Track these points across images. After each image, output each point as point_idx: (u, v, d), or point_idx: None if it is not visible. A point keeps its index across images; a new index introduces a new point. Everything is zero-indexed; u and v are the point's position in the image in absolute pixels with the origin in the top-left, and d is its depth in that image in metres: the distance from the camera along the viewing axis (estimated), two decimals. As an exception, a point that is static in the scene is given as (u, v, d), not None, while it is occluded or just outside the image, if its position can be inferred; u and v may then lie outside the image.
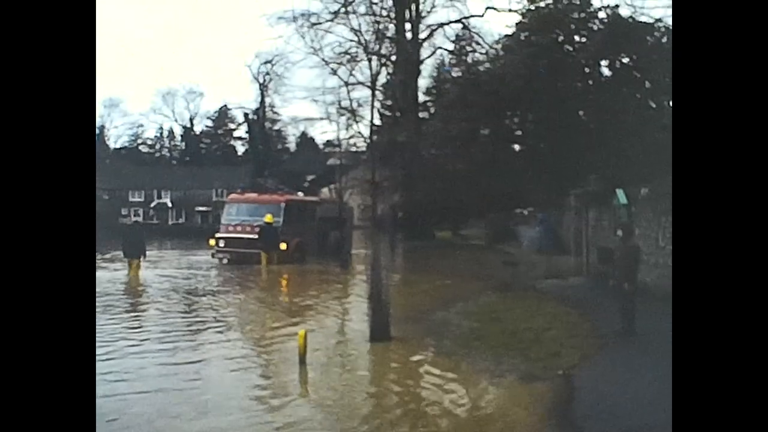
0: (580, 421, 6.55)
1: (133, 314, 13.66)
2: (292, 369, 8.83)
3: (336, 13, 37.64)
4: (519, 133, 26.75)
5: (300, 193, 31.30)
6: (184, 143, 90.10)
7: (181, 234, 54.11)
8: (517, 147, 28.02)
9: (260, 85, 61.61)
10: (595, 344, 9.81)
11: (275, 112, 69.87)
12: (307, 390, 8.18)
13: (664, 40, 23.60)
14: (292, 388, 8.18)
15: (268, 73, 58.53)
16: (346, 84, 29.53)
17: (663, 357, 8.82)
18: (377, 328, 10.45)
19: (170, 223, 72.95)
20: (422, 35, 42.96)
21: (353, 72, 36.82)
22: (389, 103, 50.99)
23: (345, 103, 33.03)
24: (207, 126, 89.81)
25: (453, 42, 46.75)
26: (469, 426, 6.88)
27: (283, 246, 23.47)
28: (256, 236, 23.33)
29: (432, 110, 43.34)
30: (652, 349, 9.33)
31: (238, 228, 24.41)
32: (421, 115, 43.73)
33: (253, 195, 27.38)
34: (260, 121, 65.63)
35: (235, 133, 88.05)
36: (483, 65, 29.93)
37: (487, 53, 35.30)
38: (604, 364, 8.67)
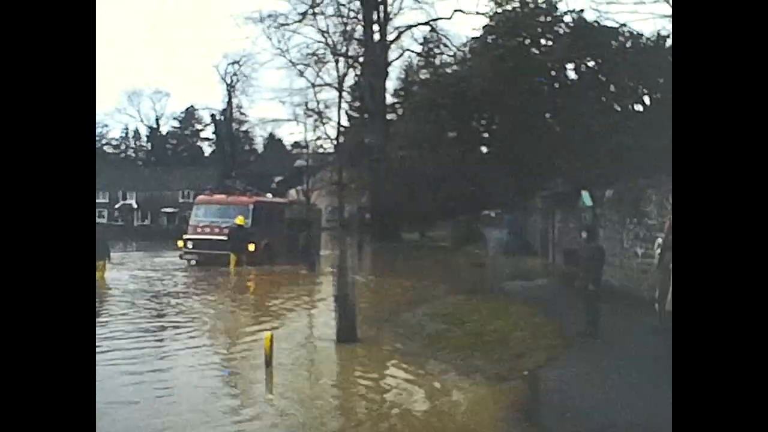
0: (546, 420, 6.60)
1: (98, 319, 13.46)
2: (258, 371, 8.77)
3: (304, 15, 37.57)
4: (486, 135, 26.78)
5: (269, 195, 31.20)
6: (149, 144, 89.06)
7: (146, 236, 53.61)
8: (484, 149, 28.08)
9: (227, 85, 61.31)
10: (561, 345, 9.88)
11: (242, 113, 69.52)
12: (272, 392, 8.13)
13: (628, 44, 23.85)
14: (257, 391, 8.13)
15: (235, 74, 58.27)
16: (313, 85, 29.49)
17: (626, 357, 8.95)
18: (344, 330, 10.43)
19: (136, 224, 72.01)
20: (390, 37, 43.10)
21: (320, 74, 36.84)
22: (357, 104, 51.07)
23: (312, 105, 33.00)
24: (173, 126, 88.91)
25: (421, 44, 46.97)
26: (435, 427, 6.88)
27: (251, 247, 23.38)
28: (225, 238, 23.28)
29: (400, 112, 43.38)
30: (616, 349, 9.44)
31: (207, 229, 24.35)
32: (389, 116, 43.80)
33: (222, 196, 27.26)
34: (227, 122, 65.26)
35: (202, 134, 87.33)
36: (450, 68, 30.00)
37: (454, 56, 35.43)
38: (569, 365, 8.73)
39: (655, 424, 6.04)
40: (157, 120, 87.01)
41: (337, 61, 29.25)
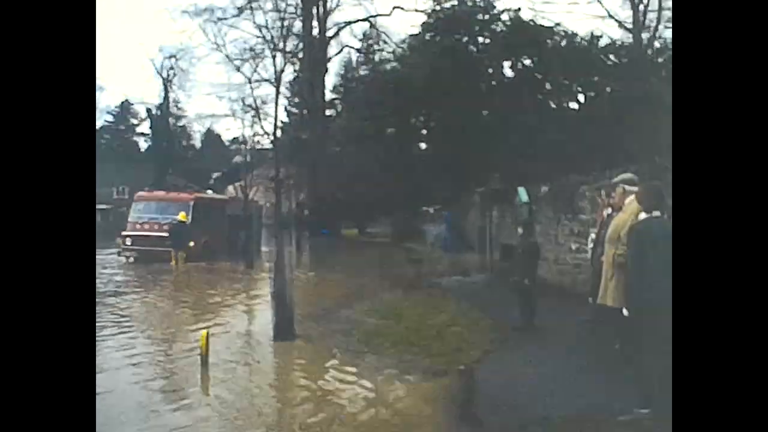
0: (481, 414, 6.65)
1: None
2: (194, 370, 8.66)
3: (241, 9, 37.13)
4: (424, 131, 27.02)
5: (209, 191, 30.90)
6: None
7: (80, 232, 52.10)
8: (422, 145, 28.29)
9: (164, 80, 60.11)
10: (497, 339, 9.99)
11: (179, 108, 68.26)
12: (208, 391, 8.03)
13: (563, 43, 24.29)
14: (192, 390, 8.02)
15: (172, 68, 57.14)
16: (250, 81, 29.14)
17: (561, 350, 9.11)
18: (281, 327, 10.37)
19: (69, 221, 70.12)
20: (329, 33, 42.98)
21: (258, 69, 36.47)
22: (296, 100, 50.79)
23: (249, 101, 32.65)
24: (107, 121, 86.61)
25: (360, 40, 47.00)
26: (373, 422, 6.89)
27: (191, 244, 23.31)
28: (166, 234, 23.09)
29: (339, 108, 43.34)
30: (551, 343, 9.59)
31: (146, 226, 24.18)
32: (328, 113, 43.71)
33: (162, 193, 27.12)
34: (164, 116, 64.01)
35: (138, 129, 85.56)
36: (389, 64, 30.07)
37: (393, 52, 35.50)
38: (505, 359, 8.84)
39: (587, 414, 6.17)
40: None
41: (274, 57, 29.01)
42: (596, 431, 5.78)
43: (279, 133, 41.27)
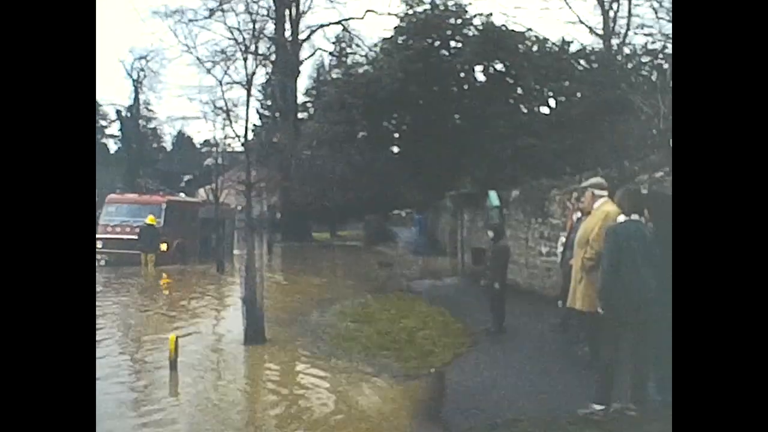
0: (450, 417, 6.67)
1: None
2: (162, 374, 8.57)
3: (213, 11, 36.85)
4: (396, 135, 27.05)
5: (182, 194, 30.74)
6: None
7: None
8: (394, 149, 28.32)
9: (134, 81, 59.52)
10: (467, 343, 10.02)
11: (150, 110, 67.58)
12: (176, 396, 7.96)
13: (535, 48, 24.46)
14: (160, 395, 7.94)
15: (142, 70, 56.58)
16: (221, 83, 28.96)
17: (530, 353, 9.16)
18: (252, 331, 10.29)
19: (37, 223, 69.22)
20: (302, 36, 42.87)
21: (229, 71, 36.21)
22: (268, 103, 50.57)
23: (220, 103, 32.45)
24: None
25: (333, 43, 46.95)
26: (343, 426, 6.87)
27: (163, 247, 23.22)
28: (136, 237, 22.91)
29: (311, 111, 43.26)
30: (520, 346, 9.64)
31: (118, 229, 23.89)
32: (300, 116, 43.59)
33: (134, 195, 26.98)
34: (134, 118, 63.37)
35: (107, 131, 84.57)
36: (362, 68, 30.11)
37: (366, 56, 35.54)
38: (475, 362, 8.87)
39: (555, 415, 6.21)
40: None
41: (245, 59, 28.85)
42: (564, 433, 5.81)
43: (250, 135, 41.05)
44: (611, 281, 6.06)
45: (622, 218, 6.21)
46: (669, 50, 27.93)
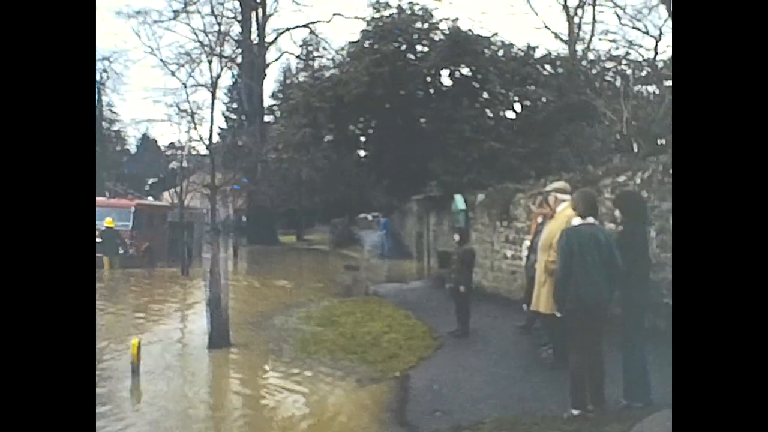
0: (415, 419, 6.68)
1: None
2: (124, 380, 8.46)
3: (177, 12, 36.54)
4: (363, 139, 26.99)
5: (150, 198, 30.62)
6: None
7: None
8: (361, 153, 28.28)
9: (97, 83, 58.80)
10: (432, 346, 10.04)
11: (114, 112, 66.87)
12: (139, 401, 7.87)
13: (500, 53, 24.60)
14: (121, 401, 7.84)
15: (105, 71, 55.91)
16: (185, 86, 28.65)
17: (495, 356, 9.20)
18: (216, 335, 10.21)
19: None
20: (268, 38, 42.76)
21: (193, 74, 35.98)
22: (234, 106, 50.33)
23: (185, 106, 32.14)
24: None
25: (300, 47, 46.90)
26: (307, 430, 6.86)
27: (131, 250, 23.30)
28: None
29: (278, 114, 43.10)
30: (485, 349, 9.68)
31: None
32: (266, 119, 43.43)
33: (102, 199, 26.69)
34: (97, 121, 62.61)
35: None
36: (328, 71, 30.05)
37: (333, 59, 35.49)
38: (440, 365, 8.89)
39: (519, 417, 6.25)
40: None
41: (210, 62, 28.56)
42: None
43: (216, 138, 40.73)
44: (564, 284, 6.13)
45: (577, 221, 6.27)
46: (632, 56, 28.39)
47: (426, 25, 25.14)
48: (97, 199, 25.97)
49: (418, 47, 25.04)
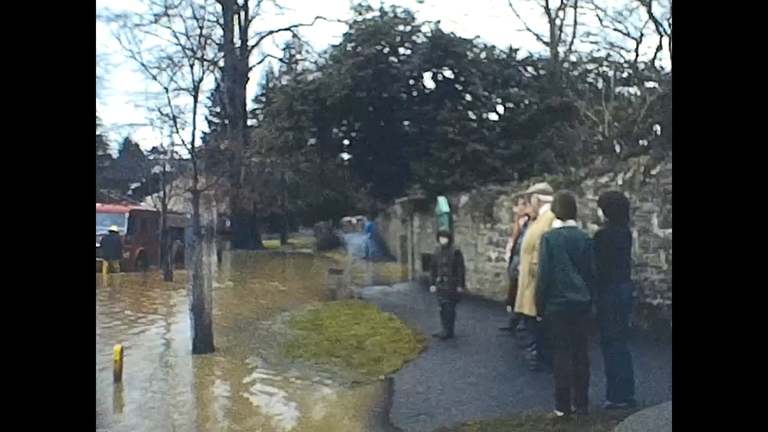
0: (399, 422, 6.67)
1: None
2: (107, 387, 8.39)
3: (158, 16, 36.33)
4: (346, 142, 27.00)
5: (143, 203, 30.85)
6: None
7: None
8: (344, 156, 28.28)
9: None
10: (417, 348, 10.03)
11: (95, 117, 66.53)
12: (121, 409, 7.80)
13: (483, 55, 24.69)
14: (104, 407, 7.76)
15: (86, 75, 55.63)
16: (167, 90, 28.52)
17: (479, 358, 9.22)
18: (200, 340, 10.15)
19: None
20: (251, 42, 42.67)
21: (175, 77, 35.83)
22: (217, 110, 50.17)
23: (167, 110, 32.01)
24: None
25: (282, 50, 46.88)
26: (291, 434, 6.85)
27: (126, 254, 23.97)
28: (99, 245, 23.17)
29: (261, 118, 43.03)
30: (469, 351, 9.69)
31: None
32: (249, 122, 43.34)
33: (97, 204, 26.81)
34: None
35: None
36: (311, 74, 30.04)
37: (315, 62, 35.49)
38: (424, 367, 8.89)
39: (502, 419, 6.25)
40: None
41: (192, 65, 28.49)
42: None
43: (198, 143, 40.62)
44: (543, 289, 6.14)
45: (558, 224, 6.29)
46: (613, 58, 28.52)
47: (408, 28, 25.21)
48: None
49: (401, 50, 25.10)
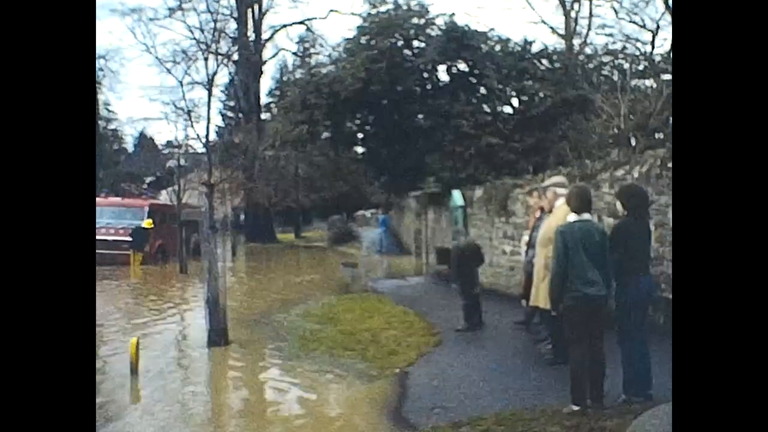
0: (414, 416, 6.66)
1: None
2: (123, 379, 8.43)
3: (173, 10, 36.37)
4: (360, 135, 26.99)
5: (161, 197, 31.27)
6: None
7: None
8: (358, 149, 28.27)
9: (94, 81, 58.67)
10: (431, 342, 10.02)
11: (110, 111, 66.59)
12: (138, 401, 7.84)
13: (497, 48, 24.60)
14: (119, 401, 7.80)
15: (101, 69, 55.79)
16: (181, 84, 28.55)
17: (494, 351, 9.19)
18: (215, 332, 10.20)
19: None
20: (265, 35, 42.68)
21: (189, 71, 35.83)
22: (231, 104, 50.25)
23: (181, 104, 32.07)
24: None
25: (296, 43, 46.83)
26: (306, 427, 6.85)
27: (147, 248, 24.95)
28: (128, 238, 24.55)
29: (275, 112, 43.06)
30: (484, 345, 9.67)
31: (102, 230, 24.41)
32: (263, 116, 43.36)
33: (117, 199, 28.67)
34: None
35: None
36: (325, 67, 30.02)
37: (329, 56, 35.44)
38: (439, 361, 8.87)
39: (518, 413, 6.23)
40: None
41: (206, 59, 28.47)
42: (527, 429, 5.83)
43: (213, 136, 40.67)
44: (558, 283, 6.12)
45: (572, 217, 6.26)
46: (629, 50, 28.35)
47: (422, 21, 25.16)
48: (113, 199, 28.25)
49: (415, 43, 25.06)
